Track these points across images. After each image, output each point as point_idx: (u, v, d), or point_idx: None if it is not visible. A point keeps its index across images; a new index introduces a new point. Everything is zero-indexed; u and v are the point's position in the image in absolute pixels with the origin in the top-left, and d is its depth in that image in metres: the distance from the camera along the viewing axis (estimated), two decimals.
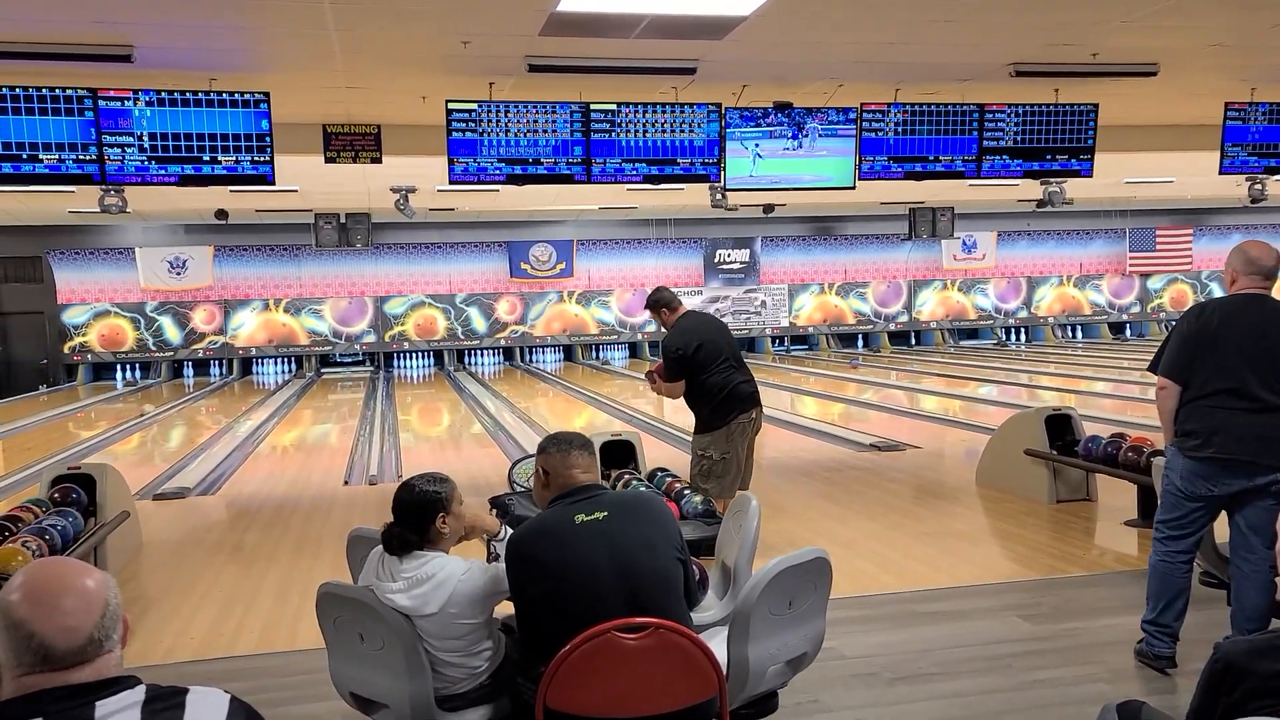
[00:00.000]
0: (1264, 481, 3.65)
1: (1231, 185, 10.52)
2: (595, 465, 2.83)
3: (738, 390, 5.67)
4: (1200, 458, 3.70)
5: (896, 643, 4.28)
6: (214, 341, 19.93)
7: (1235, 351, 3.65)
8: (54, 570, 1.57)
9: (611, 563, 2.51)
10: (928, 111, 7.88)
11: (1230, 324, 3.69)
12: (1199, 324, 3.74)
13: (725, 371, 5.68)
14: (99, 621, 1.52)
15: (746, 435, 5.72)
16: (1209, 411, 3.68)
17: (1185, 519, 3.80)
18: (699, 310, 6.28)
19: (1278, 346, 3.64)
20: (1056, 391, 14.76)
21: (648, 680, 2.35)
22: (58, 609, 1.49)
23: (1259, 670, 1.80)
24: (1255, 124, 8.37)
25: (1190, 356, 3.74)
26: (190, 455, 10.43)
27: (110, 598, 1.56)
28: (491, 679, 2.86)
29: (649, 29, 5.96)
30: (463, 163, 7.20)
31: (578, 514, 2.59)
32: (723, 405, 5.64)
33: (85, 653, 1.49)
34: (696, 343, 5.67)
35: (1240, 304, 3.74)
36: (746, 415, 5.67)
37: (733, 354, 5.79)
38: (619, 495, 2.78)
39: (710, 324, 6.02)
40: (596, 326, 21.37)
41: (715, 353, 5.69)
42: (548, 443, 2.84)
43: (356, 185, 12.38)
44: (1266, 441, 3.61)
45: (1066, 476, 6.85)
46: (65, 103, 6.62)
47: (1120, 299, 23.45)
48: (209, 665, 4.31)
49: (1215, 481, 3.70)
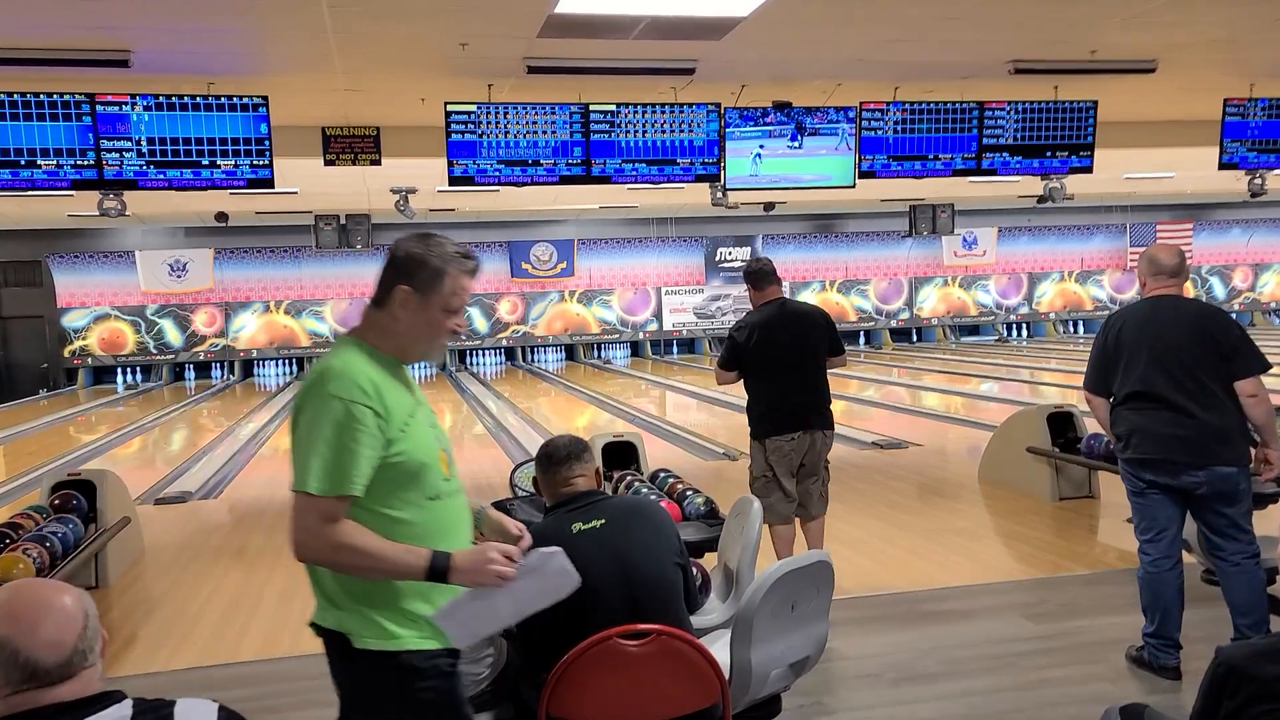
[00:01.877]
0: (1190, 481, 3.70)
1: (1231, 179, 10.50)
2: (592, 469, 2.81)
3: (782, 406, 4.80)
4: (1126, 458, 3.87)
5: (900, 643, 4.28)
6: (215, 344, 19.94)
7: (1136, 356, 3.78)
8: (29, 591, 1.59)
9: (611, 571, 2.50)
10: (927, 110, 7.86)
11: (1133, 330, 3.84)
12: (1107, 334, 3.92)
13: (779, 379, 4.80)
14: (81, 633, 1.54)
15: (790, 461, 4.80)
16: (1126, 415, 3.84)
17: (1146, 518, 3.86)
18: (793, 300, 5.13)
19: (1179, 346, 3.71)
20: (1059, 388, 14.76)
21: (650, 687, 2.35)
22: (38, 626, 1.51)
23: (1261, 674, 1.80)
24: (1255, 119, 8.36)
25: (1103, 366, 3.93)
26: (192, 459, 10.43)
27: (88, 611, 1.58)
28: (493, 685, 2.85)
29: (647, 30, 5.95)
30: (462, 164, 7.19)
31: (575, 523, 2.58)
32: (763, 418, 4.86)
33: (71, 665, 1.51)
34: (751, 334, 4.83)
35: (1143, 309, 3.88)
36: (787, 439, 4.77)
37: (800, 362, 4.80)
38: (617, 502, 2.76)
39: (787, 319, 4.85)
40: (598, 326, 21.36)
41: (774, 354, 4.78)
42: (538, 457, 2.81)
43: (356, 186, 12.37)
44: (1180, 440, 3.69)
45: (1069, 474, 6.84)
46: (63, 108, 6.62)
47: (1122, 294, 23.41)
48: (212, 672, 4.31)
49: (1141, 476, 3.82)
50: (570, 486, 2.71)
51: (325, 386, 2.01)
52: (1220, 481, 3.68)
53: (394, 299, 2.10)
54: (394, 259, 2.13)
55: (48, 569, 4.66)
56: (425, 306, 2.12)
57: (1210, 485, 3.68)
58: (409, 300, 2.11)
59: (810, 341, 4.83)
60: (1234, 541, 3.71)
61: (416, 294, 2.11)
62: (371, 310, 2.16)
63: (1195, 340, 3.70)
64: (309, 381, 2.06)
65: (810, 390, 4.83)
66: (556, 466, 2.74)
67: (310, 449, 2.00)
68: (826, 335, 4.89)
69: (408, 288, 2.10)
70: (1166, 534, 3.80)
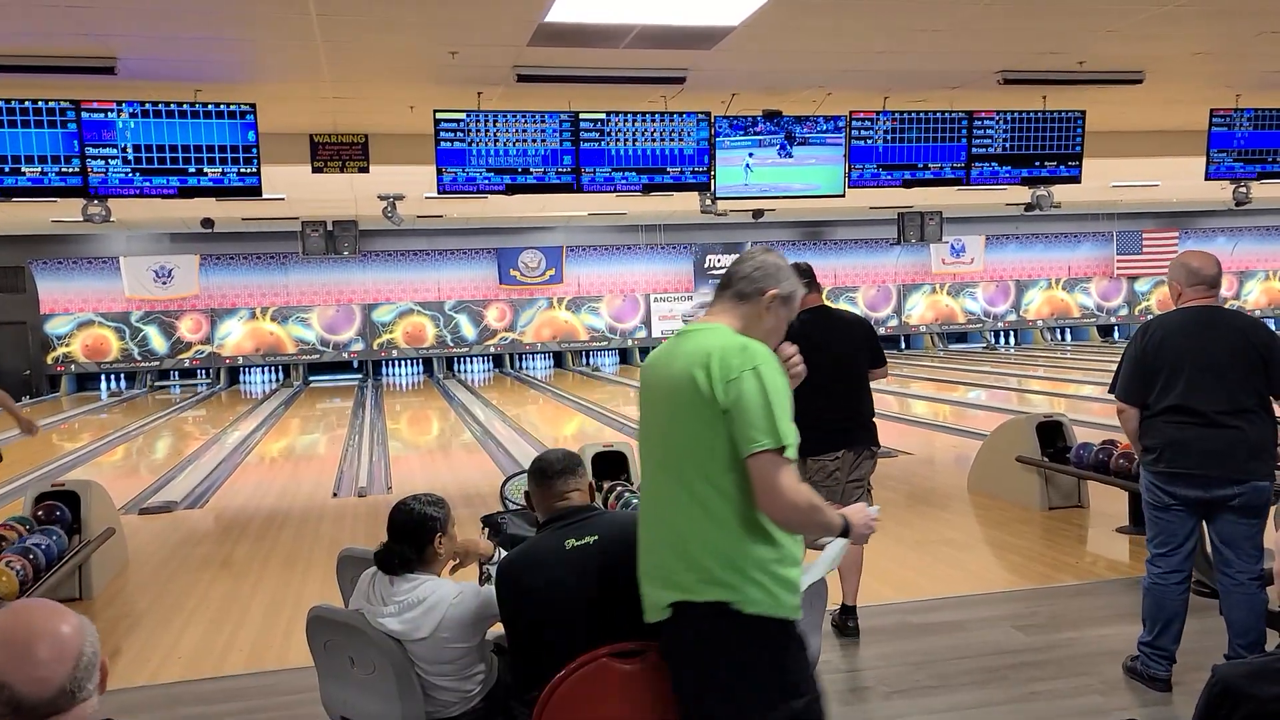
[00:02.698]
0: (1223, 494, 3.66)
1: (1216, 188, 10.55)
2: (585, 484, 2.78)
3: (824, 422, 4.26)
4: (1157, 470, 3.78)
5: (892, 655, 4.26)
6: (200, 351, 19.82)
7: (1178, 368, 3.69)
8: (25, 616, 1.52)
9: (603, 589, 2.47)
10: (917, 119, 7.88)
11: (1173, 341, 3.73)
12: (1144, 344, 3.80)
13: (822, 392, 4.19)
14: (71, 672, 1.47)
15: (835, 481, 4.43)
16: (1162, 428, 3.75)
17: (1164, 532, 3.81)
18: (831, 308, 4.71)
19: (1220, 360, 3.65)
20: (1046, 395, 14.81)
21: (642, 706, 2.32)
22: (29, 658, 1.44)
23: (1258, 694, 1.78)
24: (1240, 130, 8.41)
25: (1141, 377, 3.80)
26: (177, 468, 10.35)
27: (86, 647, 1.51)
28: (484, 702, 2.83)
29: (638, 39, 5.94)
30: (451, 172, 7.16)
31: (568, 539, 2.55)
32: (803, 435, 4.54)
33: (56, 704, 1.45)
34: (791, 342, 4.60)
35: (1182, 320, 3.77)
36: (831, 458, 4.43)
37: (842, 374, 4.40)
38: (610, 518, 2.73)
39: (823, 328, 4.41)
40: (586, 333, 21.34)
41: (815, 364, 4.21)
42: (531, 471, 2.78)
43: (344, 193, 12.32)
44: (1215, 455, 3.64)
45: (1058, 483, 6.85)
46: (48, 115, 6.56)
47: (1108, 301, 23.56)
48: (198, 686, 4.26)
49: (1171, 490, 3.74)
50: (565, 501, 2.68)
51: (758, 353, 2.23)
52: (1254, 495, 3.65)
53: (764, 300, 2.38)
54: (767, 264, 2.41)
55: (31, 582, 4.60)
56: (782, 314, 2.42)
57: (1244, 498, 3.65)
58: (774, 304, 2.40)
59: (850, 352, 4.51)
60: (1245, 558, 3.68)
61: (781, 301, 2.41)
62: (738, 304, 2.40)
63: (1239, 353, 3.64)
64: (729, 354, 2.22)
65: (853, 404, 4.51)
66: (550, 481, 2.71)
67: (774, 410, 2.19)
68: (867, 345, 4.60)
69: (777, 293, 2.39)
70: (1181, 550, 3.77)
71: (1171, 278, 3.86)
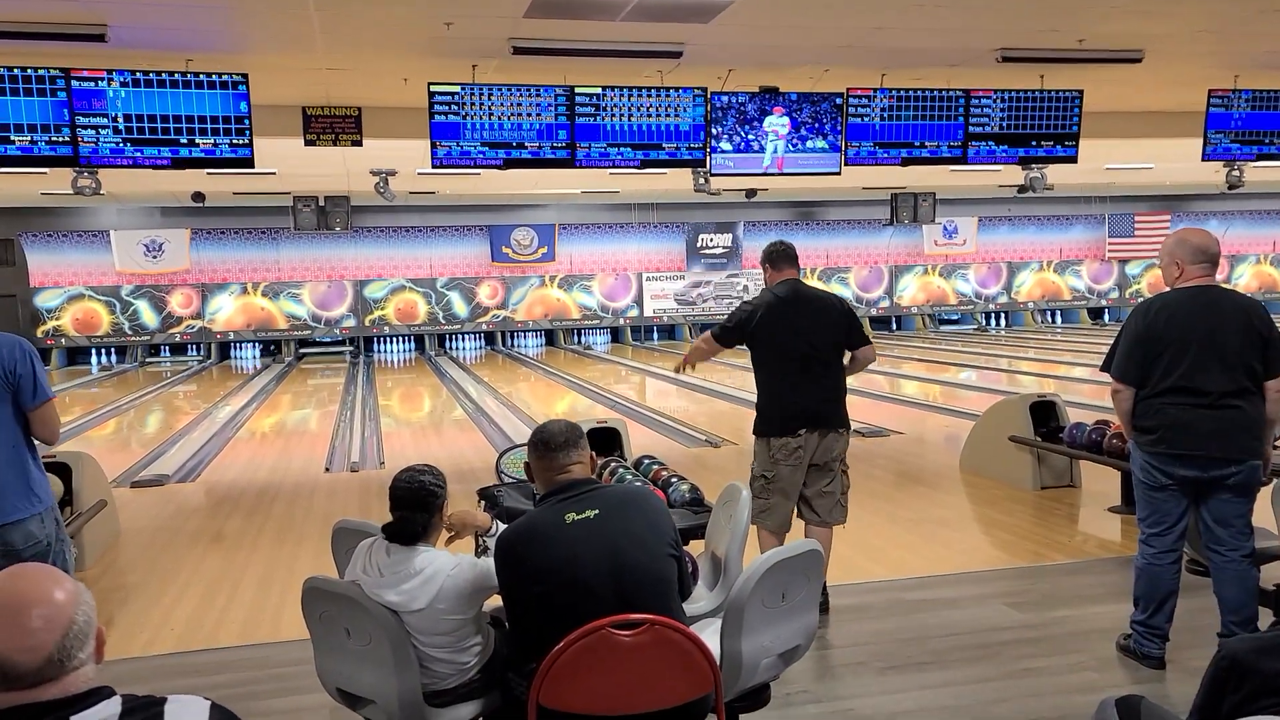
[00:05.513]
0: (1219, 474, 3.65)
1: (1209, 172, 10.55)
2: (586, 457, 2.75)
3: (790, 401, 4.36)
4: (1154, 451, 3.74)
5: (885, 631, 4.27)
6: (191, 325, 19.71)
7: (1184, 348, 3.64)
8: (19, 582, 1.48)
9: (604, 562, 2.45)
10: (914, 97, 7.84)
11: (1177, 321, 3.67)
12: (1146, 323, 3.72)
13: (786, 370, 4.38)
14: (59, 641, 1.44)
15: (799, 462, 4.35)
16: (1161, 408, 3.70)
17: (1157, 512, 3.80)
18: (808, 285, 4.57)
19: (1225, 340, 3.62)
20: (1036, 377, 14.85)
21: (643, 677, 2.31)
22: (19, 626, 1.42)
23: (1265, 669, 1.79)
24: (1238, 110, 8.39)
25: (1141, 356, 3.73)
26: (168, 441, 10.31)
27: (78, 615, 1.48)
28: (481, 674, 2.82)
29: (635, 12, 5.88)
30: (446, 146, 7.10)
31: (568, 513, 2.52)
32: (768, 414, 4.43)
33: (45, 671, 1.42)
34: (756, 313, 4.38)
35: (1185, 298, 3.71)
36: (794, 439, 4.33)
37: (814, 354, 4.35)
38: (611, 491, 2.70)
39: (799, 302, 4.40)
40: (578, 311, 21.29)
41: (781, 342, 4.35)
42: (533, 443, 2.73)
43: (336, 168, 12.23)
44: (1217, 435, 3.62)
45: (1050, 463, 6.87)
46: (37, 83, 6.47)
47: (1099, 284, 23.59)
48: (190, 657, 4.25)
49: (1169, 471, 3.72)
50: (566, 474, 2.65)
51: None
52: (1249, 474, 3.65)
53: None
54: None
55: None
56: None
57: (1239, 477, 3.65)
58: None
59: (822, 329, 4.37)
60: (1236, 536, 3.69)
61: None
62: None
63: (1241, 333, 3.62)
64: None
65: (821, 384, 4.38)
66: (553, 453, 2.66)
67: None
68: (843, 324, 4.43)
69: None
70: (1175, 529, 3.77)
71: (1172, 255, 3.76)
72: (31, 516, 3.28)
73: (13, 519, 3.22)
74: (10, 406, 3.28)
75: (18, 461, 3.28)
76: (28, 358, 3.32)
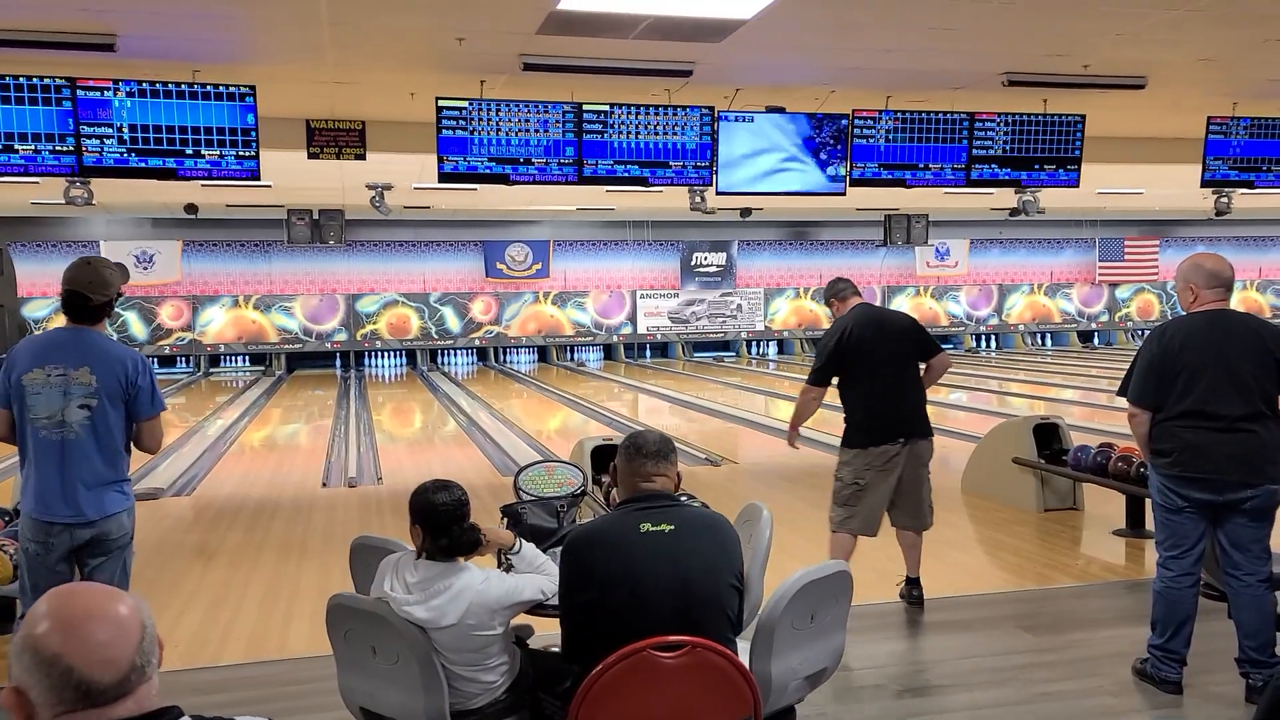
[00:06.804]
0: (1234, 497, 3.66)
1: (1198, 198, 10.63)
2: (673, 473, 2.72)
3: (886, 413, 4.71)
4: (1170, 474, 3.76)
5: (901, 653, 4.26)
6: (181, 338, 19.58)
7: (1199, 372, 3.67)
8: (81, 599, 1.43)
9: (669, 578, 2.43)
10: (918, 119, 7.88)
11: (1192, 345, 3.71)
12: (1162, 347, 3.76)
13: (876, 385, 4.71)
14: (139, 647, 1.39)
15: (893, 469, 4.70)
16: (1177, 432, 3.72)
17: (1175, 535, 3.80)
18: (877, 306, 5.01)
19: (1240, 364, 3.65)
20: (1027, 399, 14.89)
21: (684, 701, 2.28)
22: (92, 639, 1.36)
23: None
24: (1236, 138, 8.47)
25: (1157, 381, 3.76)
26: (161, 455, 10.19)
27: (146, 620, 1.44)
28: (508, 694, 2.78)
29: (648, 30, 5.90)
30: (452, 160, 7.09)
31: (644, 523, 2.50)
32: (862, 426, 4.76)
33: (128, 683, 1.37)
34: (845, 334, 4.74)
35: (1200, 323, 3.75)
36: (892, 446, 4.68)
37: (900, 367, 4.76)
38: (691, 511, 2.67)
39: (878, 319, 4.86)
40: (572, 328, 21.26)
41: (870, 359, 4.71)
42: (624, 446, 2.73)
43: (331, 181, 12.19)
44: (1233, 459, 3.64)
45: (1054, 485, 6.87)
46: (43, 92, 6.42)
47: (1089, 308, 23.74)
48: (196, 675, 4.18)
49: (1185, 494, 3.73)
50: (650, 484, 2.64)
51: None
52: (1266, 498, 3.66)
53: None
54: None
55: None
56: None
57: (1255, 501, 3.66)
58: None
59: (901, 343, 4.81)
60: (1254, 560, 3.69)
61: None
62: None
63: (1256, 356, 3.65)
64: None
65: (908, 395, 4.77)
66: (642, 459, 2.65)
67: None
68: (915, 337, 4.86)
69: None
70: (1192, 552, 3.76)
71: (1187, 280, 3.81)
72: (124, 510, 3.66)
73: (112, 512, 3.59)
74: (122, 413, 3.55)
75: (119, 464, 3.61)
76: (147, 372, 3.59)
